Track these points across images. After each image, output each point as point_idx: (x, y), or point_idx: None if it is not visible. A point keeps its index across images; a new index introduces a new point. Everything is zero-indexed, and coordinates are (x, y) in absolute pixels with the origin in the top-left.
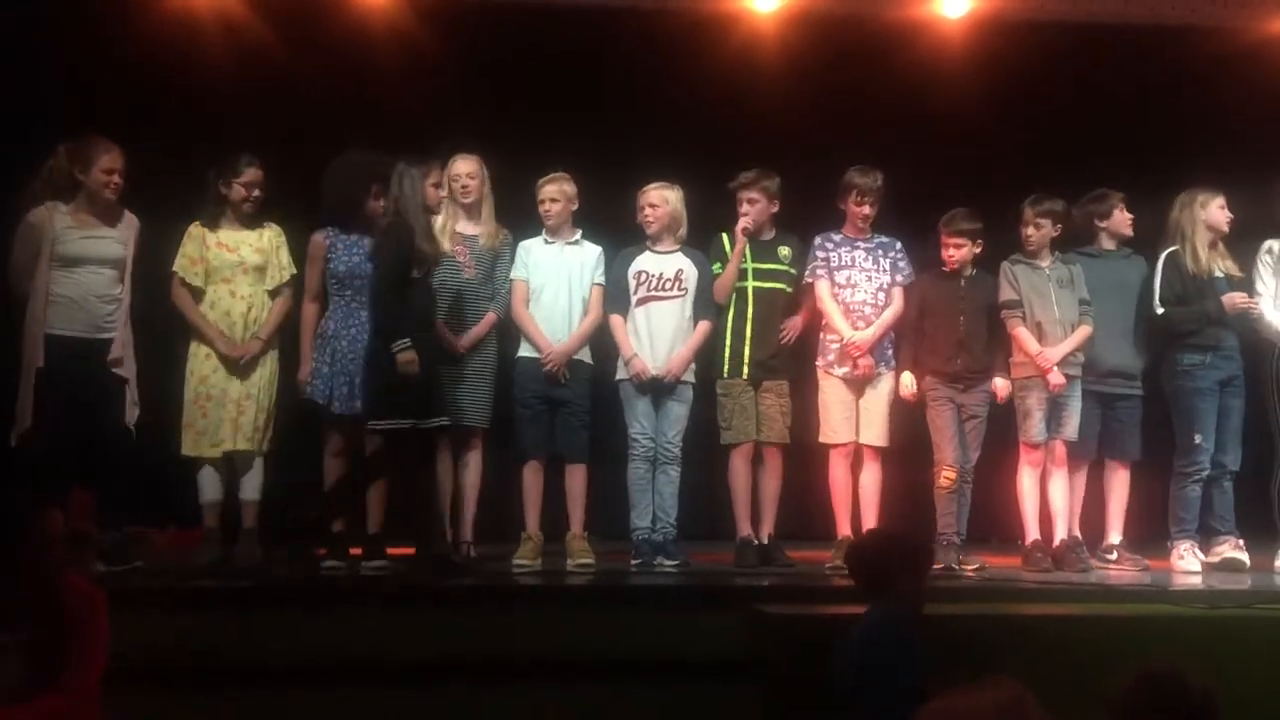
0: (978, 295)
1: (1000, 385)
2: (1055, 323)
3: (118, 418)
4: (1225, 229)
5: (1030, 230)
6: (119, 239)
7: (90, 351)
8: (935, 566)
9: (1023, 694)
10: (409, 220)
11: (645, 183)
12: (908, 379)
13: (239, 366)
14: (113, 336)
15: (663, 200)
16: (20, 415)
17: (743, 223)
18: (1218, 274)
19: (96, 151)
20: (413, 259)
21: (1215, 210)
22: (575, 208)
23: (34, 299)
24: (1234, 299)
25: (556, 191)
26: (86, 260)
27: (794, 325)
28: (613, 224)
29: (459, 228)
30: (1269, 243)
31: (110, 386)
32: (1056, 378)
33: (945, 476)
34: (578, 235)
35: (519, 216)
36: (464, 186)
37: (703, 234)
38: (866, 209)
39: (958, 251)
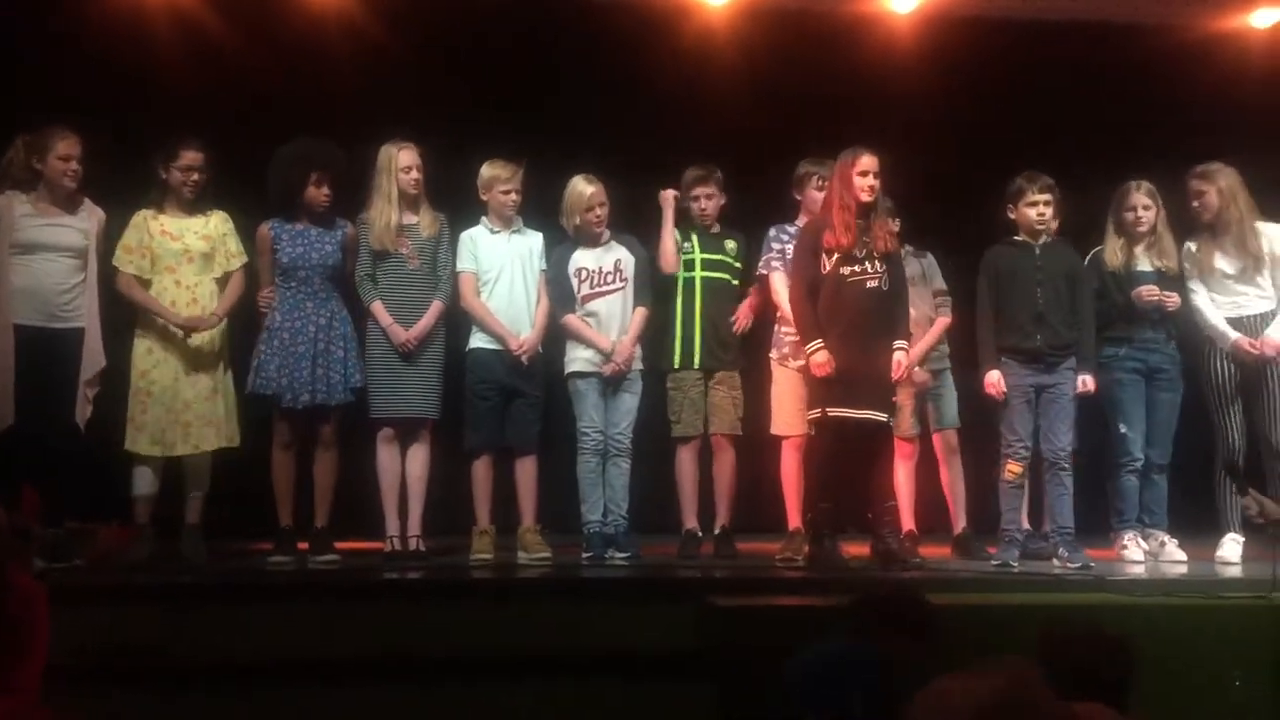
0: (1056, 263)
1: (1087, 381)
2: (913, 321)
3: (68, 413)
4: (1135, 228)
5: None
6: (79, 228)
7: (45, 341)
8: (993, 564)
9: (1028, 677)
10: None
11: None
12: (995, 376)
13: (187, 362)
14: (71, 327)
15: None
16: (2, 411)
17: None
18: (1145, 268)
19: (53, 139)
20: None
21: (1123, 211)
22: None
23: None
24: (1141, 292)
25: (516, 180)
26: (43, 248)
27: (743, 312)
28: (553, 215)
29: (402, 219)
30: (1187, 244)
31: (65, 380)
32: (919, 375)
33: (1010, 470)
34: (519, 223)
35: (460, 206)
36: (415, 179)
37: (644, 224)
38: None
39: (1048, 210)
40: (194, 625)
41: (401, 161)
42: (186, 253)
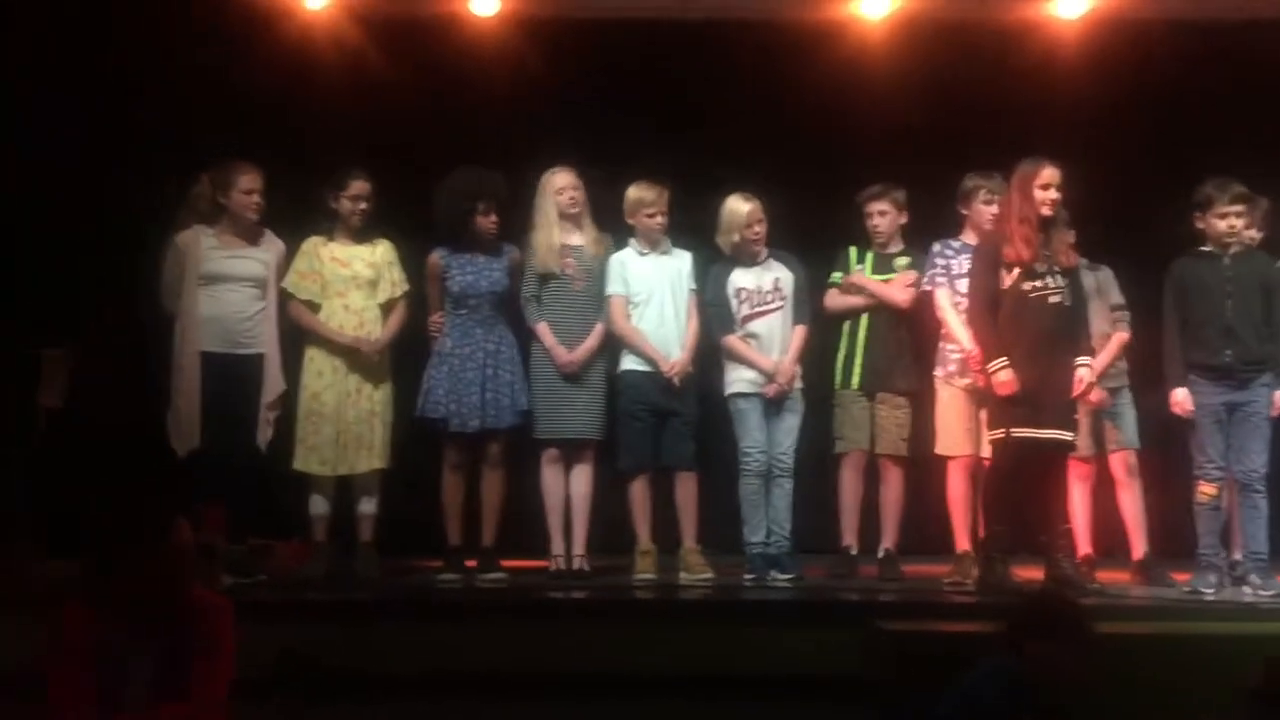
0: (1248, 274)
1: None
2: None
3: (251, 435)
4: None
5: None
6: (261, 259)
7: (228, 367)
8: (1184, 590)
9: None
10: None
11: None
12: (1181, 395)
13: (352, 384)
14: (252, 353)
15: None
16: (188, 433)
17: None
18: None
19: (236, 174)
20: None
21: None
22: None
23: (182, 319)
24: None
25: (662, 202)
26: (228, 278)
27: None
28: (703, 235)
29: (566, 240)
30: None
31: (247, 404)
32: (1096, 394)
33: (1202, 491)
34: (668, 244)
35: (613, 229)
36: (571, 199)
37: (802, 242)
38: (995, 207)
39: (1239, 221)
40: (367, 640)
41: (556, 184)
42: (355, 279)
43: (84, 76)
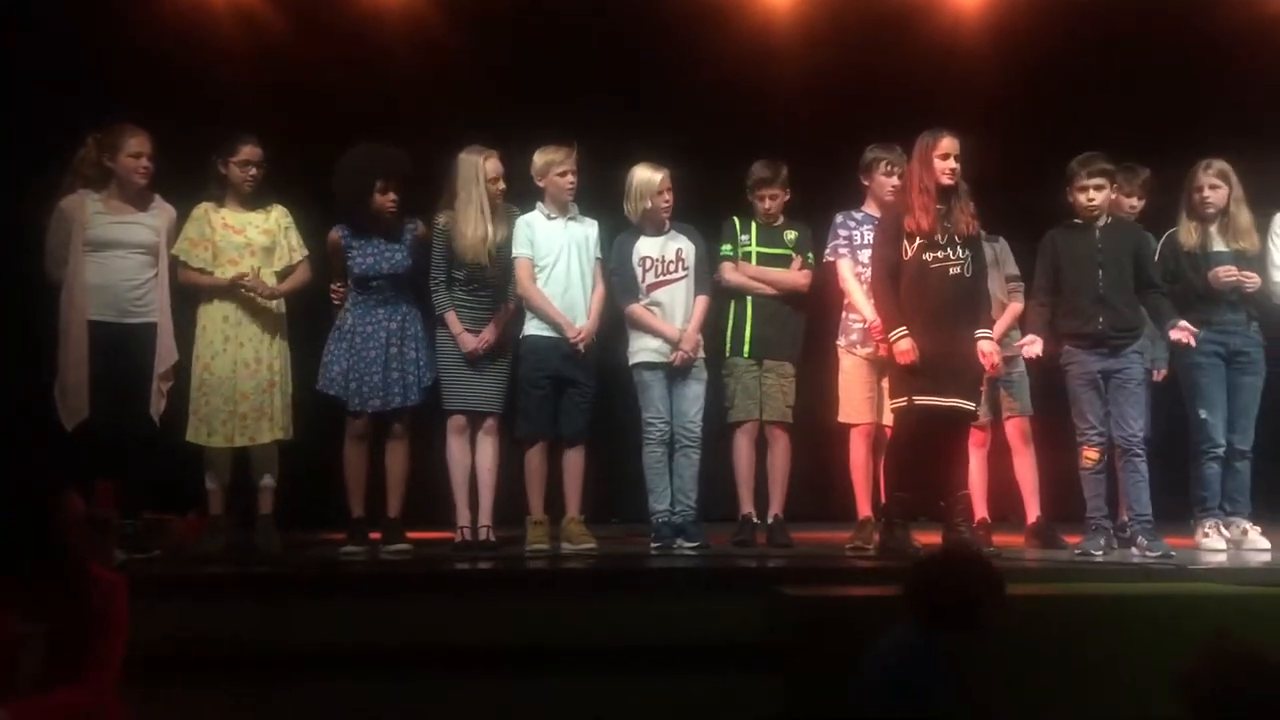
0: (1119, 244)
1: (1182, 325)
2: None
3: (143, 406)
4: (1203, 209)
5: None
6: (150, 224)
7: (118, 336)
8: (1075, 553)
9: None
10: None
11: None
12: (1038, 347)
13: (249, 354)
14: (143, 321)
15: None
16: (76, 405)
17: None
18: (1220, 248)
19: (124, 137)
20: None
21: (1192, 191)
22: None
23: (68, 286)
24: (1218, 273)
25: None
26: (115, 245)
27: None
28: (607, 206)
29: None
30: (1278, 215)
31: (138, 374)
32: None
33: (1086, 456)
34: (575, 210)
35: (517, 196)
36: (502, 189)
37: (703, 213)
38: (896, 179)
39: (1099, 194)
40: (267, 615)
41: (489, 171)
42: (249, 246)
43: None
